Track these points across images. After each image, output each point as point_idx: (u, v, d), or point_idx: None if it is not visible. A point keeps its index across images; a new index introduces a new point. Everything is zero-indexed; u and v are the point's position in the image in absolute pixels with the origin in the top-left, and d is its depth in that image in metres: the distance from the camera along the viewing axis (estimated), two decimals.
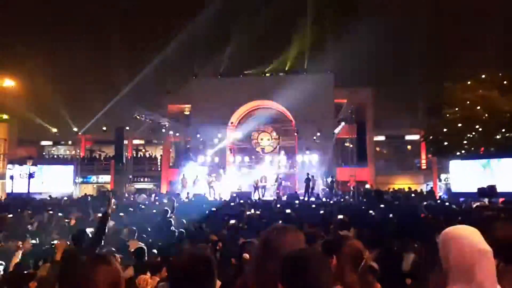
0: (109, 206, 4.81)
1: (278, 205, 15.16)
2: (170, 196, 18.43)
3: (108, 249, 5.45)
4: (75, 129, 33.43)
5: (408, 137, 31.55)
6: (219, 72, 29.32)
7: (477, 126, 22.45)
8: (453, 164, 22.89)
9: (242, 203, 15.99)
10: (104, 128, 33.21)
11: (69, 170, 28.33)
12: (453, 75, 24.16)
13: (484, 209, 10.92)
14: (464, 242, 1.84)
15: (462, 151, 23.49)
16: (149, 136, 33.44)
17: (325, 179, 23.87)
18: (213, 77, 28.91)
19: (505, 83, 22.47)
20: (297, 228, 2.26)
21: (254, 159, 27.41)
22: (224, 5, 27.74)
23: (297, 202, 16.92)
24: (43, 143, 35.68)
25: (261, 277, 2.04)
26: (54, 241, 6.71)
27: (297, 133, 26.32)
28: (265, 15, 27.82)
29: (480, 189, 16.12)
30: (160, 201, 18.36)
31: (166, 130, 27.92)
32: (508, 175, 19.01)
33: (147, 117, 25.03)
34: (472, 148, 23.28)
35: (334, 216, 8.59)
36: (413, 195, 21.01)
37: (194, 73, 29.45)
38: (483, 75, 23.25)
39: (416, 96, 28.07)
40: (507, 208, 10.97)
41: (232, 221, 9.06)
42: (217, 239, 6.98)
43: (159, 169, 31.27)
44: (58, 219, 11.17)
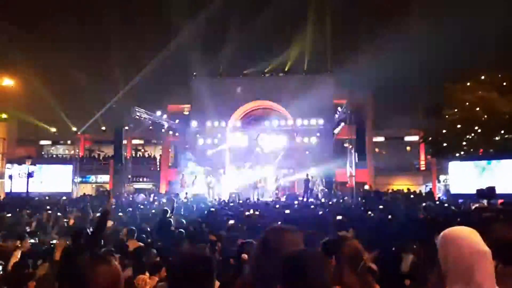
0: (109, 202, 4.84)
1: (277, 206, 15.16)
2: (169, 196, 18.41)
3: (107, 249, 5.45)
4: (74, 129, 33.40)
5: (408, 138, 31.56)
6: (219, 72, 29.32)
7: (477, 127, 22.47)
8: (452, 165, 22.89)
9: (241, 204, 16.01)
10: (103, 128, 33.25)
11: (68, 170, 28.28)
12: (453, 76, 24.17)
13: (483, 211, 10.90)
14: (463, 243, 1.85)
15: (461, 152, 23.50)
16: (149, 136, 33.44)
17: (324, 180, 23.86)
18: (213, 77, 28.90)
19: (505, 85, 22.48)
20: (296, 229, 2.26)
21: (254, 160, 27.39)
22: (224, 5, 27.77)
23: (296, 203, 16.93)
24: (42, 143, 35.62)
25: (260, 278, 2.04)
26: (53, 241, 6.71)
27: (297, 134, 26.31)
28: (265, 15, 27.84)
29: (479, 191, 16.09)
30: (159, 201, 18.37)
31: (166, 130, 27.90)
32: (508, 177, 19.03)
33: (147, 117, 25.00)
34: (472, 149, 23.29)
35: (333, 217, 8.61)
36: (412, 196, 20.99)
37: (194, 73, 29.45)
38: (483, 76, 23.27)
39: (416, 97, 28.10)
40: (506, 210, 10.96)
41: (231, 221, 9.06)
42: (216, 239, 6.98)
43: (158, 169, 31.27)
44: (57, 219, 11.17)
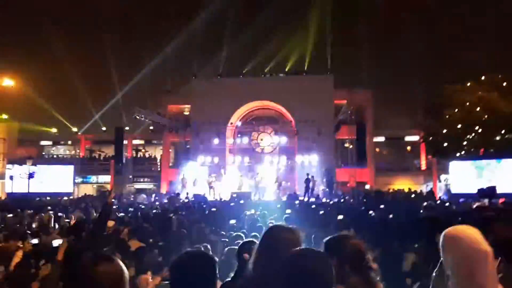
0: (110, 197, 4.88)
1: (278, 206, 15.15)
2: (170, 196, 18.43)
3: (109, 249, 5.46)
4: (75, 129, 33.47)
5: (408, 138, 31.54)
6: (219, 72, 29.34)
7: (477, 128, 22.48)
8: (453, 165, 22.90)
9: (242, 203, 16.00)
10: (104, 128, 33.31)
11: (69, 170, 28.28)
12: (453, 77, 24.20)
13: (484, 210, 10.91)
14: (465, 243, 1.85)
15: (462, 152, 23.49)
16: (149, 136, 33.47)
17: (325, 180, 23.86)
18: (213, 77, 28.90)
19: (505, 85, 22.51)
20: (297, 228, 2.27)
21: (254, 160, 27.38)
22: (224, 5, 27.80)
23: (297, 203, 16.91)
24: (43, 143, 35.61)
25: (261, 277, 2.05)
26: (55, 241, 6.71)
27: (297, 134, 26.31)
28: (265, 15, 27.88)
29: (480, 190, 16.11)
30: (160, 201, 18.39)
31: (166, 130, 27.90)
32: (508, 176, 19.05)
33: (147, 117, 25.00)
34: (472, 149, 23.29)
35: (334, 217, 8.61)
36: (413, 196, 20.99)
37: (194, 73, 29.46)
38: (483, 77, 23.29)
39: (416, 97, 28.12)
40: (507, 209, 10.97)
41: (232, 221, 9.06)
42: (217, 239, 6.98)
43: (159, 169, 31.27)
44: (59, 219, 11.18)
